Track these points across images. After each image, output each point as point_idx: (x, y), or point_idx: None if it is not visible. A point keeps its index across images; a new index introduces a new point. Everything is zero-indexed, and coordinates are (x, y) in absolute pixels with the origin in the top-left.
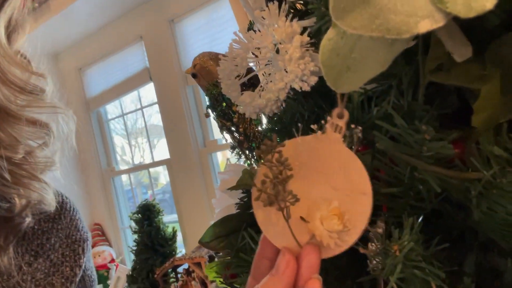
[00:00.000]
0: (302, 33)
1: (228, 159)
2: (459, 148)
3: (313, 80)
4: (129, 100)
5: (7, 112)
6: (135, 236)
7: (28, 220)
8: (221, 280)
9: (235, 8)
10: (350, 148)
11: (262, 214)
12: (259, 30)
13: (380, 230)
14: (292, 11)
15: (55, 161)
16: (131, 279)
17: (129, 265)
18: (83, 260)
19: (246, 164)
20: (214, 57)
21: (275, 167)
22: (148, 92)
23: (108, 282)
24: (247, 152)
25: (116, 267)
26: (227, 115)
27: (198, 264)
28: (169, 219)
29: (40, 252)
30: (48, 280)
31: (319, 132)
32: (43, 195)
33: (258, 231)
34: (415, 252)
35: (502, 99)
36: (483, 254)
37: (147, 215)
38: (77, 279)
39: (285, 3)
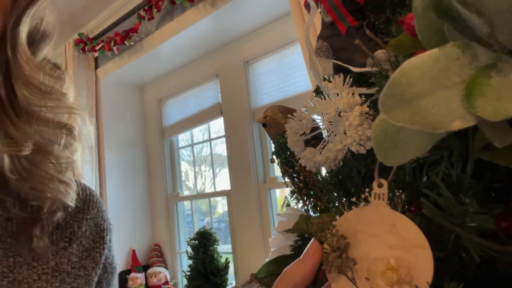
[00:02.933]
0: (362, 104)
1: (286, 197)
2: (506, 222)
3: (369, 144)
4: (198, 131)
5: (28, 113)
6: (190, 261)
7: (59, 213)
8: None
9: (306, 56)
10: (396, 209)
11: (335, 280)
12: (325, 97)
13: None
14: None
15: (75, 160)
16: None
17: None
18: (108, 246)
19: (303, 210)
20: (283, 111)
21: (332, 239)
22: (217, 125)
23: None
24: (305, 198)
25: None
26: (290, 162)
27: None
28: (222, 249)
29: (73, 239)
30: (81, 263)
31: (363, 203)
32: (66, 195)
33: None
34: None
35: None
36: None
37: (203, 242)
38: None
39: (350, 77)
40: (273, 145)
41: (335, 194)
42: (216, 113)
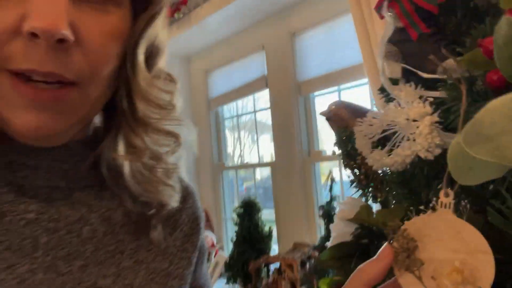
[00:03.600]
0: (432, 113)
1: (330, 171)
2: None
3: (437, 151)
4: (244, 103)
5: (145, 124)
6: (235, 228)
7: (166, 208)
8: None
9: (359, 29)
10: (461, 217)
11: (403, 277)
12: (390, 93)
13: None
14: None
15: (180, 166)
16: (228, 266)
17: (226, 253)
18: (202, 231)
19: (363, 200)
20: (347, 106)
21: (402, 241)
22: (262, 97)
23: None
24: (364, 189)
25: (216, 253)
26: (351, 155)
27: (290, 266)
28: (264, 217)
29: (176, 226)
30: (183, 247)
31: (430, 211)
32: (171, 198)
33: (366, 259)
34: None
35: None
36: None
37: (248, 211)
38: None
39: (420, 87)
40: (335, 138)
41: (399, 191)
42: (262, 85)
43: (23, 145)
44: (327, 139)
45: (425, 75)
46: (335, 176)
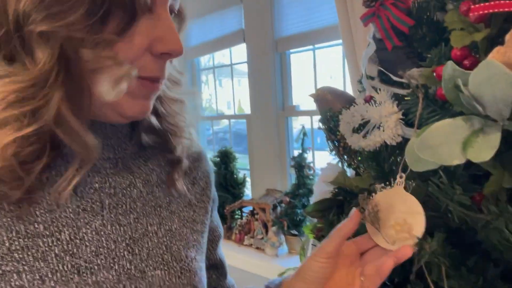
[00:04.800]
0: (397, 112)
1: (303, 126)
2: (479, 197)
3: (399, 139)
4: (220, 54)
5: (165, 96)
6: None
7: (186, 162)
8: (313, 234)
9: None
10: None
11: (369, 228)
12: (372, 102)
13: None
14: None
15: (191, 120)
16: None
17: None
18: (213, 185)
19: (340, 166)
20: (332, 92)
21: (370, 206)
22: (239, 51)
23: None
24: (341, 158)
25: None
26: (332, 131)
27: (262, 209)
28: (239, 166)
29: (195, 181)
30: (201, 198)
31: (388, 187)
32: (191, 141)
33: (341, 213)
34: (437, 251)
35: None
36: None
37: (225, 160)
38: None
39: (391, 92)
40: (319, 118)
41: (369, 163)
42: (239, 39)
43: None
44: (300, 95)
45: (394, 78)
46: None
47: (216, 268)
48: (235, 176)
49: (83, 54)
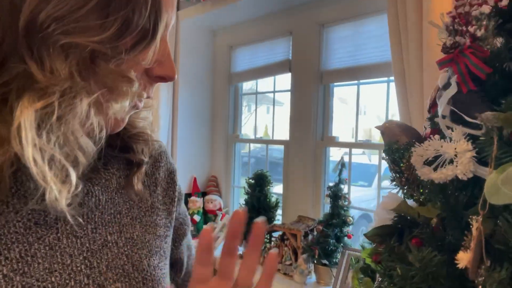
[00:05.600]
0: (471, 150)
1: (342, 157)
2: None
3: (470, 175)
4: (265, 82)
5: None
6: (245, 196)
7: (146, 160)
8: (371, 259)
9: (391, 28)
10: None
11: None
12: (447, 139)
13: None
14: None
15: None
16: None
17: None
18: (177, 181)
19: (402, 197)
20: (399, 125)
21: None
22: (283, 80)
23: (214, 225)
24: (404, 189)
25: (223, 216)
26: (396, 162)
27: (293, 235)
28: (273, 191)
29: (157, 183)
30: (164, 200)
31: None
32: (152, 142)
33: (400, 239)
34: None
35: None
36: None
37: (260, 182)
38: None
39: (467, 133)
40: (383, 154)
41: (435, 195)
42: (285, 68)
43: None
44: (340, 127)
45: (468, 119)
46: (345, 162)
47: (173, 266)
48: (268, 200)
49: (101, 69)
